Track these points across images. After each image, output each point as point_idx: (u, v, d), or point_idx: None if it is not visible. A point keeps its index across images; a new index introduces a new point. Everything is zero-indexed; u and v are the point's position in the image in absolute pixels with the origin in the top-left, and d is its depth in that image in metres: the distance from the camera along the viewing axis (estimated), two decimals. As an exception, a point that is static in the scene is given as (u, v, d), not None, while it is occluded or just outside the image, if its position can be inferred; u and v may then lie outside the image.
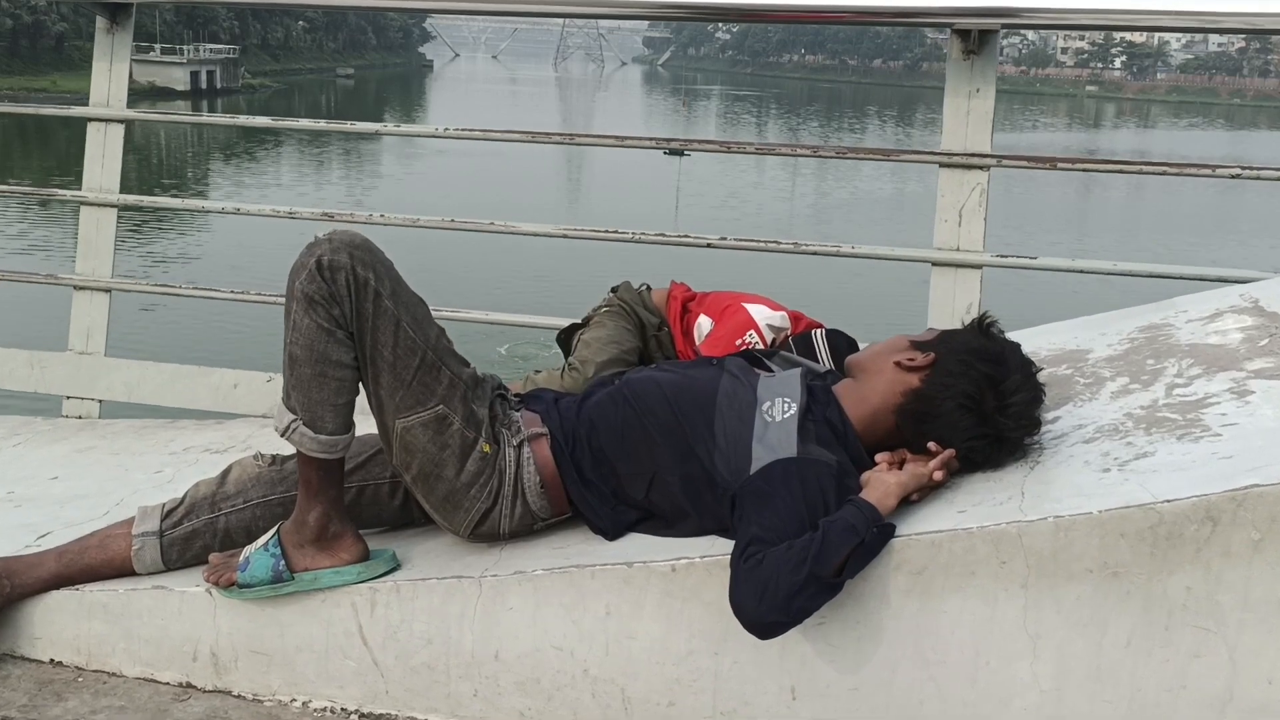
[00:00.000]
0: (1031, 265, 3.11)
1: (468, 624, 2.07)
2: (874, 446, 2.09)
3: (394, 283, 2.05)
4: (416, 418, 2.06)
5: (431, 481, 2.10)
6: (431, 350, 2.06)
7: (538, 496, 2.14)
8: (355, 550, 2.12)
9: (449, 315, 3.43)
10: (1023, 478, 1.99)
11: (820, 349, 2.54)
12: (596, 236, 3.33)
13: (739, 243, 3.25)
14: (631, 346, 2.79)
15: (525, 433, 2.15)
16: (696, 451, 2.05)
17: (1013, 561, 1.83)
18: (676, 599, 1.98)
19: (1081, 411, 2.25)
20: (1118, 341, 2.64)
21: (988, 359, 2.05)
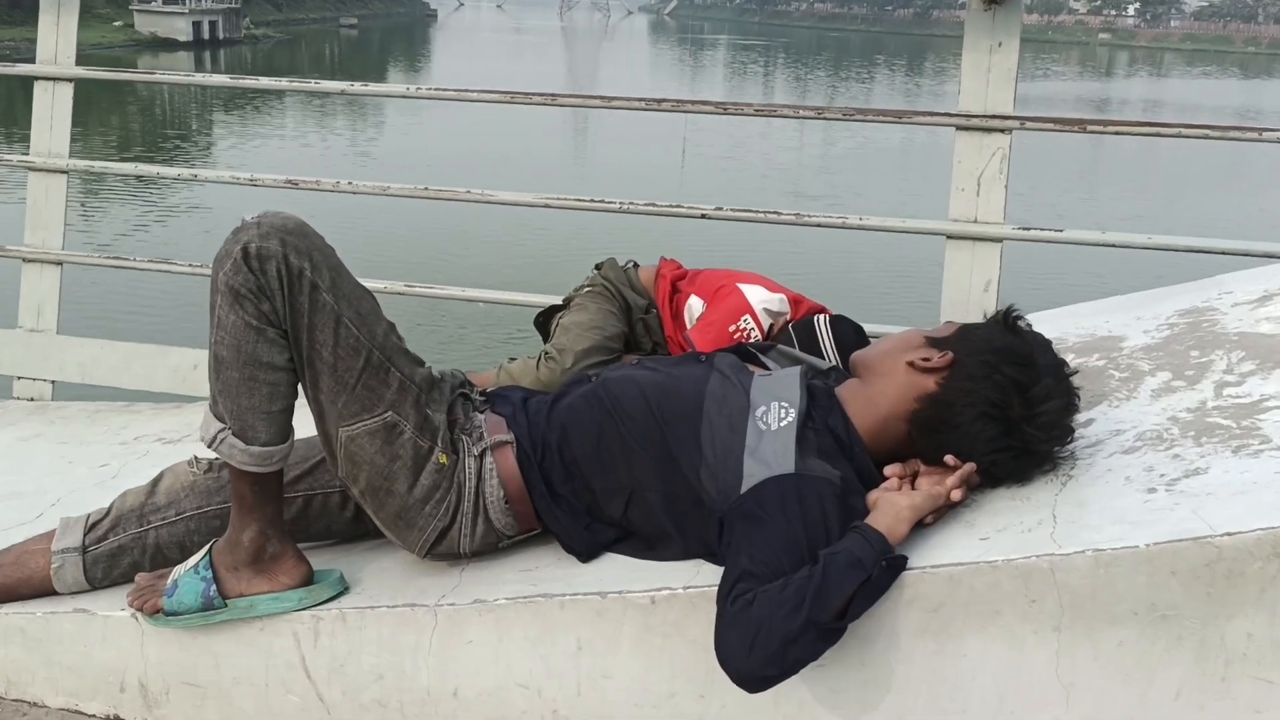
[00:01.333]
0: (1057, 239, 2.83)
1: (422, 657, 1.83)
2: (883, 458, 1.83)
3: (334, 273, 1.78)
4: (362, 426, 1.81)
5: (381, 496, 1.85)
6: (378, 349, 1.80)
7: (502, 513, 1.89)
8: (296, 573, 1.88)
9: (421, 291, 3.18)
10: (1054, 497, 1.74)
11: (824, 339, 2.27)
12: (582, 206, 3.06)
13: (736, 213, 2.97)
14: (615, 332, 2.52)
15: (488, 440, 1.90)
16: (681, 465, 1.80)
17: (1044, 600, 1.58)
18: (657, 634, 1.73)
19: (1119, 414, 1.99)
20: (1155, 327, 2.38)
21: (1014, 360, 1.78)
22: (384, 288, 3.21)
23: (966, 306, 2.87)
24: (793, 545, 1.62)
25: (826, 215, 2.93)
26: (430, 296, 3.20)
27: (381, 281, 3.22)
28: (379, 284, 3.21)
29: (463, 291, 3.18)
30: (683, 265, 2.71)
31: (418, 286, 3.19)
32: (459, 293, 3.18)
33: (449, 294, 3.18)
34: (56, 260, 3.39)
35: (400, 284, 3.17)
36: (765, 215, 2.95)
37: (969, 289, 2.87)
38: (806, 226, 2.96)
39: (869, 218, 2.94)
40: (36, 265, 3.41)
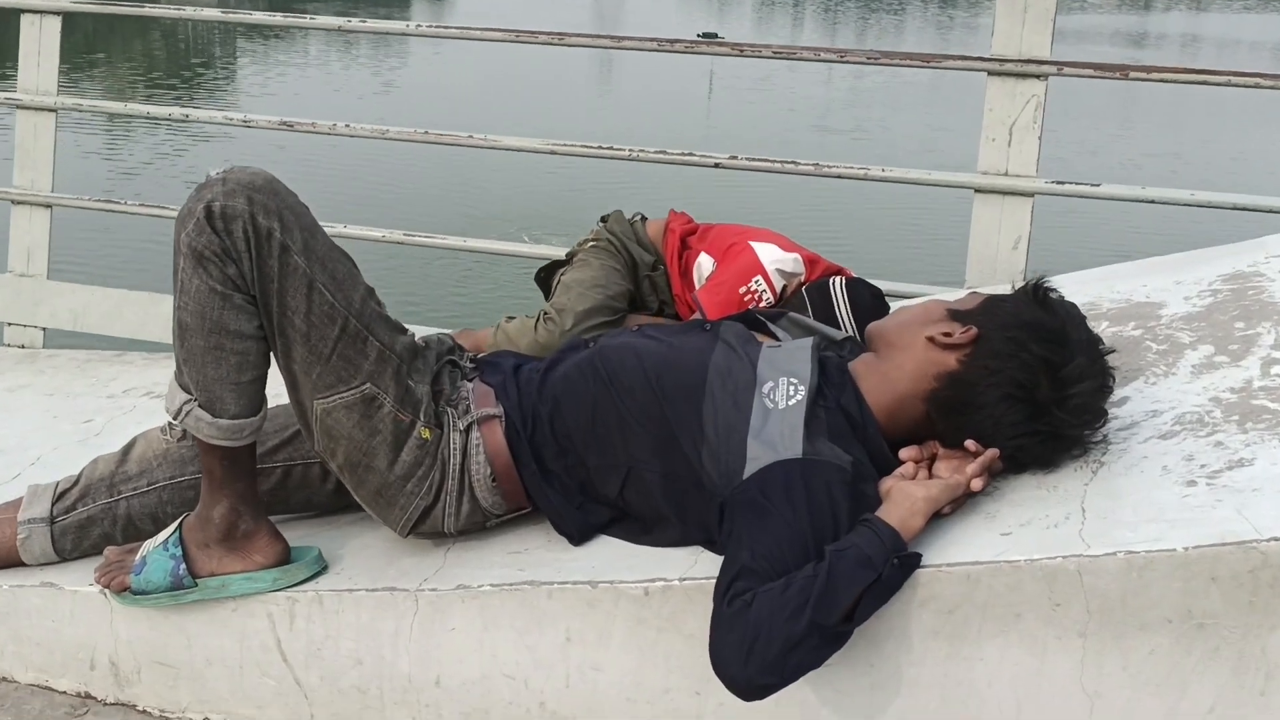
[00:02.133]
0: (1093, 194, 2.66)
1: (403, 644, 1.73)
2: (898, 439, 1.70)
3: (306, 233, 1.65)
4: (339, 399, 1.69)
5: (360, 473, 1.74)
6: (355, 317, 1.67)
7: (489, 491, 1.77)
8: (271, 551, 1.77)
9: (421, 241, 3.05)
10: (1083, 487, 1.60)
11: (839, 304, 2.12)
12: (589, 153, 2.90)
13: (751, 162, 2.80)
14: (619, 291, 2.38)
15: (475, 413, 1.77)
16: (681, 444, 1.67)
17: (1070, 604, 1.45)
18: (650, 627, 1.62)
19: (1156, 391, 1.84)
20: (1197, 294, 2.21)
21: (1044, 337, 1.63)
22: (382, 236, 3.08)
23: (994, 265, 2.71)
24: (797, 538, 1.49)
25: (847, 166, 2.76)
26: (430, 246, 3.06)
27: (380, 229, 3.10)
28: (377, 232, 3.09)
29: (464, 241, 3.04)
30: (693, 219, 2.56)
31: (417, 235, 3.05)
32: (459, 243, 3.04)
33: (449, 244, 3.04)
34: (46, 203, 3.27)
35: (399, 233, 3.04)
36: (783, 165, 2.79)
37: (997, 247, 2.70)
38: (826, 178, 2.79)
39: (892, 169, 2.78)
40: (26, 208, 3.29)
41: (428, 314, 3.59)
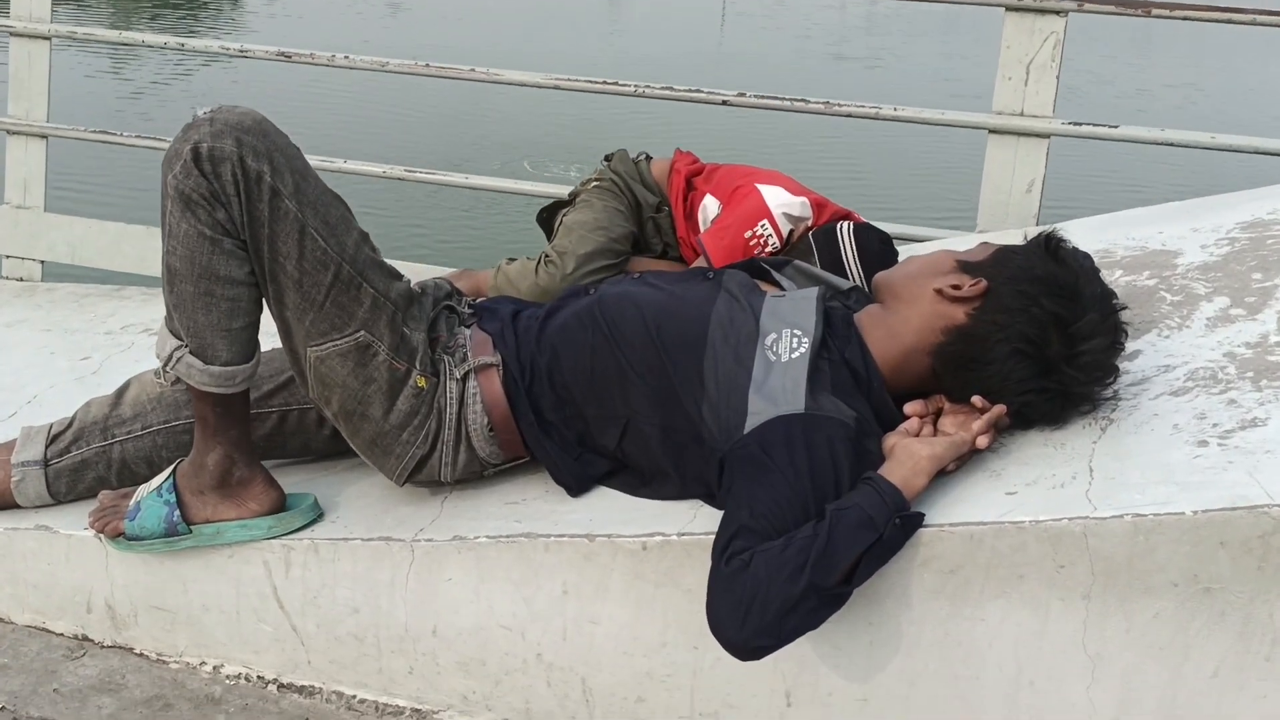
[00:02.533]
0: (1111, 136, 2.59)
1: (399, 593, 1.71)
2: (903, 393, 1.66)
3: (297, 176, 1.60)
4: (332, 346, 1.65)
5: (355, 421, 1.71)
6: (348, 263, 1.63)
7: (486, 441, 1.74)
8: (266, 499, 1.75)
9: (422, 177, 2.99)
10: (1091, 445, 1.57)
11: (846, 250, 2.07)
12: (594, 89, 2.83)
13: (760, 100, 2.73)
14: (622, 233, 2.33)
15: (471, 362, 1.74)
16: (681, 397, 1.63)
17: (1074, 566, 1.42)
18: (648, 582, 1.60)
19: (1169, 345, 1.80)
20: (1214, 241, 2.16)
21: (1055, 291, 1.58)
22: (383, 172, 3.03)
23: (1006, 209, 2.65)
24: (797, 496, 1.46)
25: (858, 105, 2.69)
26: (431, 183, 3.01)
27: (380, 165, 3.04)
28: (377, 168, 3.03)
29: (465, 179, 2.98)
30: (699, 159, 2.50)
31: (419, 172, 2.99)
32: (461, 180, 2.98)
33: (451, 180, 2.98)
34: (41, 133, 3.21)
35: (400, 169, 2.98)
36: (792, 103, 2.71)
37: (1010, 190, 2.64)
38: (836, 116, 2.72)
39: (904, 108, 2.70)
40: (21, 138, 3.23)
41: (428, 251, 3.55)
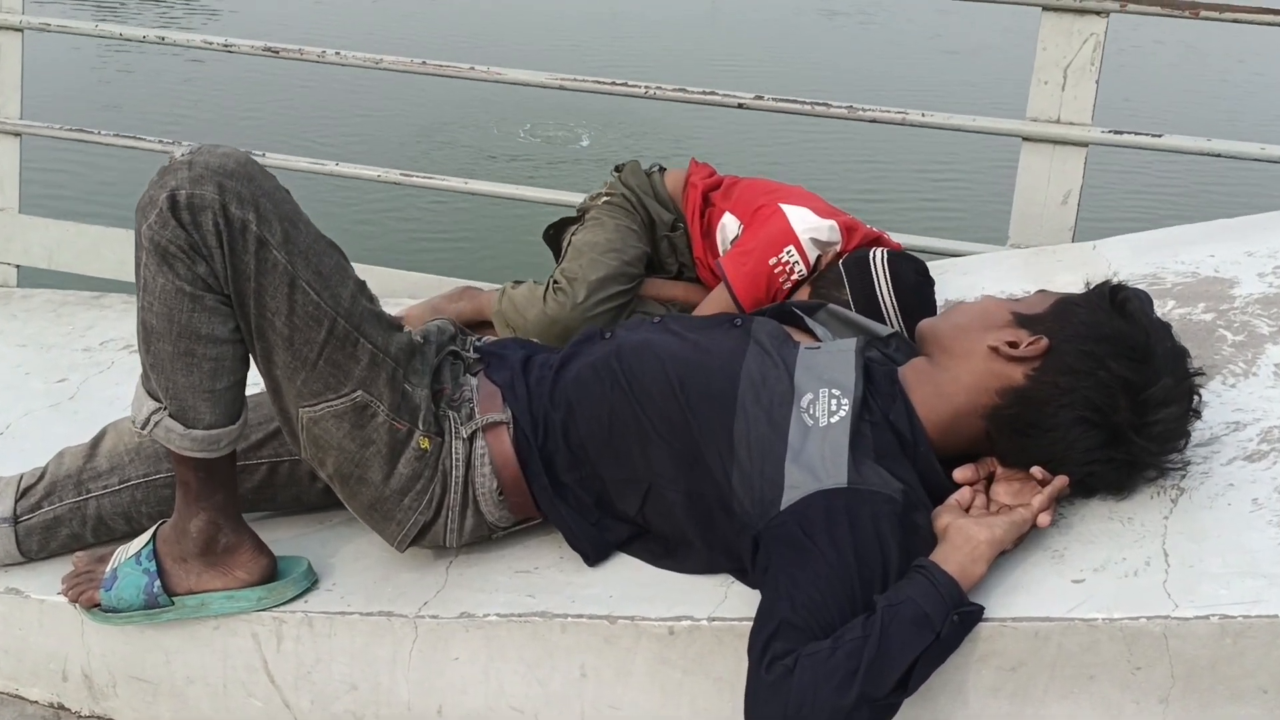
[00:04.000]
0: (1154, 145, 2.43)
1: (401, 671, 1.57)
2: (951, 456, 1.52)
3: (286, 223, 1.44)
4: (327, 407, 1.50)
5: (353, 485, 1.56)
6: (344, 317, 1.48)
7: (495, 505, 1.59)
8: (255, 567, 1.60)
9: (419, 181, 2.82)
10: (1163, 521, 1.43)
11: (881, 283, 1.91)
12: (601, 89, 2.66)
13: (778, 103, 2.57)
14: (636, 255, 2.18)
15: (479, 419, 1.59)
16: (708, 462, 1.49)
17: (1152, 669, 1.29)
18: (675, 668, 1.46)
19: (1236, 396, 1.66)
20: (1272, 269, 2.02)
21: (1125, 353, 1.44)
22: (378, 176, 2.87)
23: (1040, 222, 2.50)
24: (843, 585, 1.32)
25: (884, 109, 2.53)
26: (430, 188, 2.84)
27: (375, 168, 2.87)
28: (373, 171, 2.87)
29: (465, 184, 2.82)
30: (716, 170, 2.34)
31: (415, 176, 2.82)
32: (461, 185, 2.81)
33: (450, 185, 2.81)
34: (14, 130, 3.03)
35: (396, 172, 2.81)
36: (813, 107, 2.55)
37: (1045, 202, 2.49)
38: (860, 121, 2.56)
39: (933, 114, 2.54)
40: (-7, 136, 3.05)
41: (426, 259, 3.38)
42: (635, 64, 6.92)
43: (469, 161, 5.37)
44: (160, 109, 5.67)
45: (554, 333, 2.06)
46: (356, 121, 5.66)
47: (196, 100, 5.82)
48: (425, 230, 4.19)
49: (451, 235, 4.22)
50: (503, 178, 5.02)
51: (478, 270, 3.11)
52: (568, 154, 5.74)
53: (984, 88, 6.76)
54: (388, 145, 5.30)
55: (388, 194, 3.99)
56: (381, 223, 4.14)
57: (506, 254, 3.84)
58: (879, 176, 4.45)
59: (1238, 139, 2.42)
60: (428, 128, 5.86)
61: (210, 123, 5.35)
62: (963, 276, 2.31)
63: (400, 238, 4.04)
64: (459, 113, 6.12)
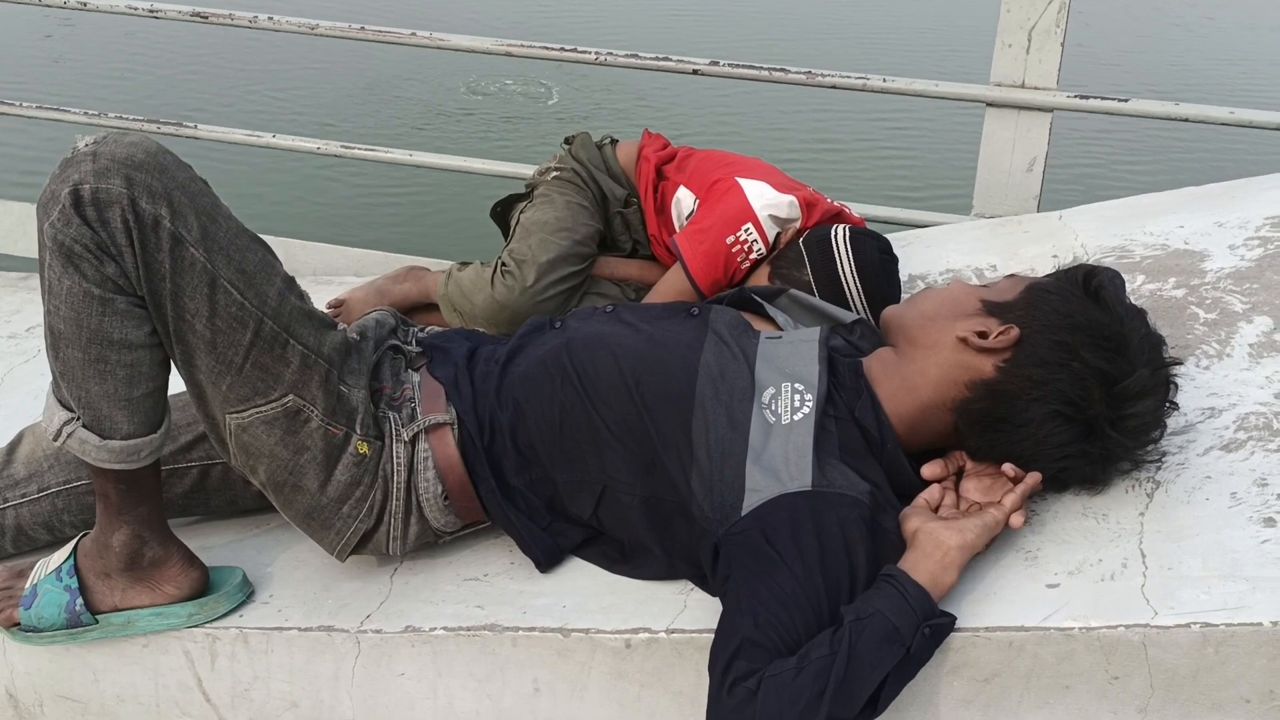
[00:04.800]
0: (1121, 110, 2.36)
1: (344, 688, 1.49)
2: (918, 451, 1.45)
3: (204, 218, 1.33)
4: (256, 413, 1.40)
5: (287, 493, 1.47)
6: (271, 318, 1.38)
7: (440, 511, 1.51)
8: (184, 581, 1.51)
9: (361, 154, 2.70)
10: (1138, 518, 1.37)
11: (843, 262, 1.83)
12: (551, 56, 2.54)
13: (733, 69, 2.46)
14: (588, 233, 2.08)
15: (421, 421, 1.49)
16: (666, 465, 1.41)
17: (1130, 678, 1.23)
18: (632, 683, 1.39)
19: (1211, 380, 1.60)
20: (1243, 241, 1.96)
21: (1099, 343, 1.36)
22: (318, 149, 2.74)
23: (1005, 190, 2.43)
24: (808, 596, 1.25)
25: (843, 74, 2.43)
26: (371, 160, 2.71)
27: (315, 141, 2.75)
28: (311, 143, 2.74)
29: (410, 156, 2.70)
30: (669, 142, 2.23)
31: (357, 148, 2.70)
32: (405, 157, 2.69)
33: (393, 158, 2.69)
34: (-69, 103, 2.87)
35: (336, 144, 2.69)
36: (770, 73, 2.45)
37: (1009, 169, 2.42)
38: (819, 87, 2.46)
39: (894, 79, 2.45)
40: (-93, 108, 2.89)
41: (371, 234, 3.26)
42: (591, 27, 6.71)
43: (422, 122, 5.17)
44: (88, 79, 5.42)
45: (503, 318, 1.97)
46: (294, 91, 5.44)
47: (125, 71, 5.57)
48: (370, 203, 4.03)
49: (398, 208, 4.07)
50: (460, 142, 4.84)
51: (426, 245, 3.00)
52: (538, 111, 5.52)
53: (948, 52, 6.60)
54: (329, 114, 5.10)
55: (329, 166, 3.84)
56: (322, 196, 3.97)
57: (457, 227, 3.69)
58: (839, 145, 4.33)
59: (1206, 103, 2.35)
60: (372, 91, 5.63)
61: (139, 93, 5.10)
62: (927, 249, 2.24)
63: (342, 212, 3.87)
64: (405, 75, 5.89)
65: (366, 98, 5.47)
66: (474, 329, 1.97)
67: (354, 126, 4.89)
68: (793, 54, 6.25)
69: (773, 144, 4.02)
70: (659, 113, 5.12)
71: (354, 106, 5.28)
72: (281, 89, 5.45)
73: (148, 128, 2.74)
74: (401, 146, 2.73)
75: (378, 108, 5.34)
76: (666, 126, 2.26)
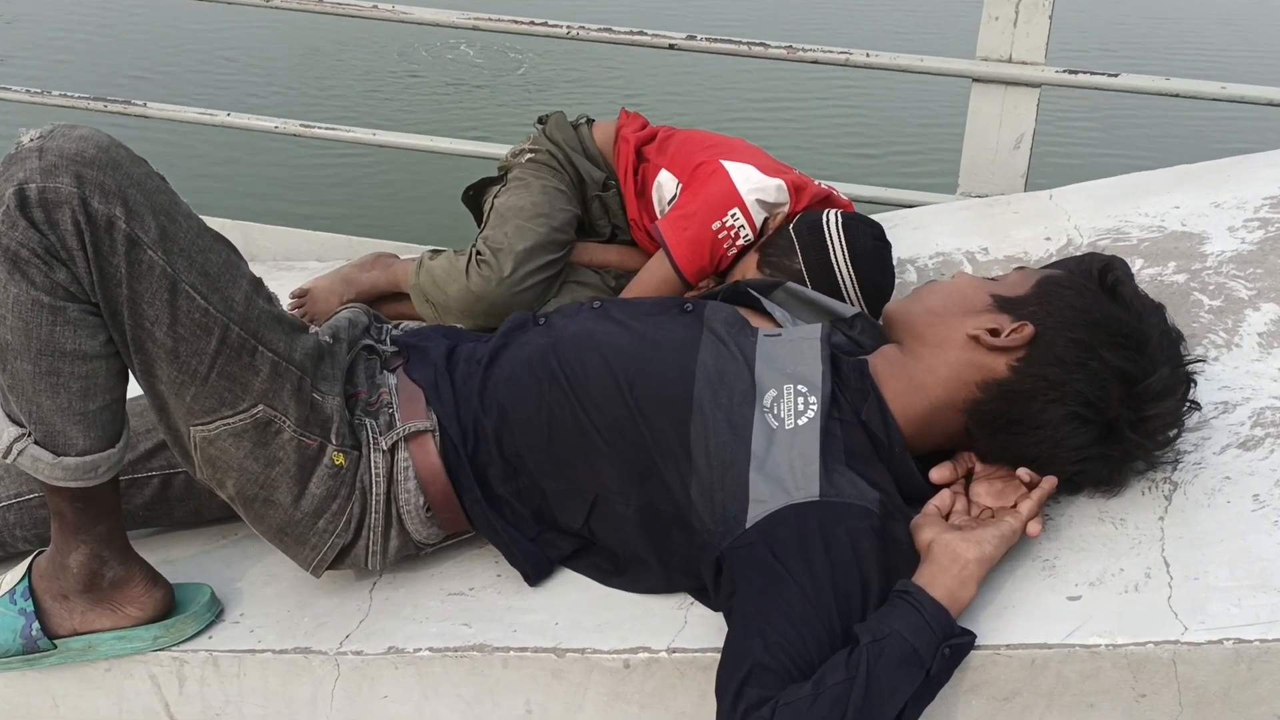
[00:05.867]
0: (1110, 85, 2.29)
1: (323, 713, 1.40)
2: (927, 453, 1.38)
3: (162, 217, 1.23)
4: (223, 425, 1.30)
5: (258, 508, 1.38)
6: (237, 324, 1.28)
7: (422, 523, 1.42)
8: (148, 602, 1.41)
9: (322, 133, 2.58)
10: (1158, 524, 1.31)
11: (836, 250, 1.75)
12: (520, 30, 2.43)
13: (711, 44, 2.37)
14: (566, 219, 1.98)
15: (400, 428, 1.40)
16: (663, 473, 1.33)
17: (1158, 696, 1.17)
18: (631, 704, 1.31)
19: (1222, 372, 1.55)
20: (1243, 222, 1.91)
21: (1120, 341, 1.30)
22: (275, 128, 2.61)
23: (992, 168, 2.36)
24: (819, 615, 1.18)
25: (825, 49, 2.35)
26: (333, 140, 2.60)
27: (272, 119, 2.62)
28: (270, 123, 2.62)
29: (374, 135, 2.58)
30: (648, 121, 2.14)
31: (318, 127, 2.58)
32: (369, 136, 2.57)
33: (356, 137, 2.57)
34: None
35: (295, 123, 2.57)
36: (750, 47, 2.36)
37: (996, 146, 2.35)
38: (800, 62, 2.38)
39: (877, 54, 2.36)
40: None
41: (332, 219, 3.13)
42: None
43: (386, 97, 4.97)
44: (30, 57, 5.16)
45: (479, 310, 1.87)
46: (251, 67, 5.21)
47: (71, 46, 5.30)
48: (332, 185, 3.88)
49: (362, 190, 3.92)
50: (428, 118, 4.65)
51: (393, 228, 2.89)
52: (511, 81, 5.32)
53: (934, 26, 6.44)
54: (288, 91, 4.90)
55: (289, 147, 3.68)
56: (281, 178, 3.80)
57: (425, 210, 3.54)
58: (820, 122, 4.22)
59: (1198, 77, 2.29)
60: (334, 67, 5.41)
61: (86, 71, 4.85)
62: (914, 231, 2.16)
63: (303, 194, 3.71)
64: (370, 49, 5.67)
65: (327, 74, 5.28)
66: (450, 324, 1.88)
67: (314, 104, 4.70)
68: (773, 28, 6.06)
69: (752, 122, 3.91)
70: (633, 92, 4.96)
71: (315, 83, 5.09)
72: (238, 65, 5.23)
73: (95, 107, 2.61)
74: (365, 125, 2.61)
75: (340, 84, 5.16)
76: (643, 105, 2.16)
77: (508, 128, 4.06)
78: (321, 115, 2.64)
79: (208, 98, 4.19)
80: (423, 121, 4.31)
